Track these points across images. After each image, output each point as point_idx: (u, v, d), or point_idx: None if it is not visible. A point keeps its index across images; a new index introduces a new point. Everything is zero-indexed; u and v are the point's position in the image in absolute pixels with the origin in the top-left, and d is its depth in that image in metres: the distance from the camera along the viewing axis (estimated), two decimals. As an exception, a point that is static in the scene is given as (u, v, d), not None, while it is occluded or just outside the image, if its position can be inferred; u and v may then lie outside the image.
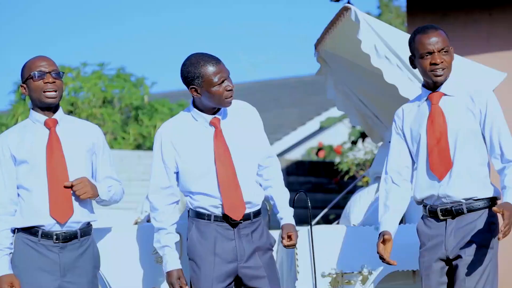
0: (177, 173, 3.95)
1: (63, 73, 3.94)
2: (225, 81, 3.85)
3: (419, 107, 3.87)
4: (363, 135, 11.19)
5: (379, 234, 3.84)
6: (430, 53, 3.75)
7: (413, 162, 3.92)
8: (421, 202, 3.89)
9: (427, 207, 3.82)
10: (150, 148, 12.95)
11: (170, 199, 3.95)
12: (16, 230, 3.89)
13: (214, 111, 3.93)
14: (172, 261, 3.92)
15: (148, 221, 4.86)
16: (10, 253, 3.86)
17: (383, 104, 5.60)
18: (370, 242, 4.47)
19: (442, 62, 3.75)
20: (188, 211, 3.99)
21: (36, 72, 3.85)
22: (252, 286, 3.92)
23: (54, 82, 3.86)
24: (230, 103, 3.90)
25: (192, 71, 3.85)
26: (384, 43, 4.58)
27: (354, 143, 11.30)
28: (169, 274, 3.92)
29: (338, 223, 5.74)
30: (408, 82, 4.53)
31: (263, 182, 4.05)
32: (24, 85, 3.90)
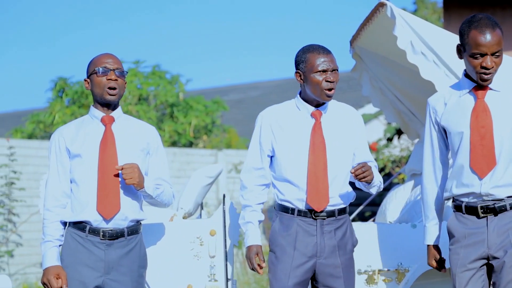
0: (271, 157, 4.00)
1: (127, 72, 3.97)
2: (327, 72, 3.87)
3: (460, 98, 3.74)
4: (398, 132, 11.13)
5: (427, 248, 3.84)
6: (483, 54, 3.62)
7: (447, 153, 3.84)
8: (452, 198, 3.79)
9: (463, 204, 3.73)
10: (186, 145, 13.02)
11: (260, 180, 4.01)
12: (67, 224, 3.92)
13: (317, 104, 3.95)
14: (253, 237, 3.98)
15: (184, 217, 4.88)
16: (60, 245, 3.90)
17: (419, 101, 5.56)
18: (406, 239, 4.45)
19: (492, 67, 3.63)
20: (275, 205, 4.04)
21: (100, 68, 3.89)
22: (327, 284, 3.91)
23: (117, 80, 3.89)
24: (329, 96, 3.89)
25: (300, 55, 3.93)
26: (420, 39, 4.54)
27: (389, 140, 11.24)
28: (248, 248, 3.98)
29: (374, 220, 5.72)
30: (445, 78, 4.49)
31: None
32: (88, 80, 3.94)
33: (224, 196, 4.62)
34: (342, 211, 3.94)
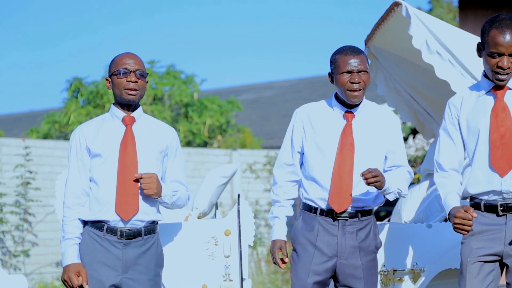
0: (302, 154, 4.01)
1: (147, 74, 3.97)
2: (353, 73, 3.86)
3: (478, 98, 3.74)
4: (414, 132, 11.10)
5: (451, 213, 3.63)
6: (500, 54, 3.63)
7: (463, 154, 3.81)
8: (470, 197, 3.77)
9: (482, 202, 3.70)
10: (200, 145, 13.03)
11: (290, 176, 4.04)
12: (85, 222, 3.94)
13: (351, 105, 3.95)
14: (278, 232, 4.01)
15: (199, 217, 4.89)
16: (79, 243, 3.92)
17: (434, 100, 5.54)
18: (421, 239, 4.44)
19: (509, 67, 3.63)
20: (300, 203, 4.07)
21: (121, 69, 3.90)
22: (347, 284, 3.91)
23: (137, 81, 3.90)
24: (355, 97, 3.88)
25: (332, 57, 3.96)
26: (436, 39, 4.53)
27: (404, 139, 11.22)
28: (272, 242, 4.01)
29: (389, 220, 5.70)
30: (460, 78, 4.48)
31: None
32: (109, 79, 3.96)
33: (238, 196, 4.62)
34: (366, 213, 3.93)
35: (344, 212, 3.87)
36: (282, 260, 3.97)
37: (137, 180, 3.85)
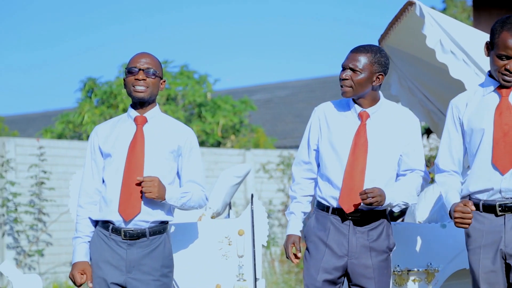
0: (318, 152, 4.02)
1: (157, 71, 3.93)
2: (345, 69, 3.89)
3: (483, 97, 3.76)
4: (428, 131, 11.07)
5: (451, 209, 3.65)
6: (509, 57, 3.64)
7: (464, 154, 3.81)
8: (469, 197, 3.76)
9: (481, 202, 3.70)
10: (214, 145, 13.05)
11: (307, 174, 4.05)
12: (96, 222, 3.96)
13: (368, 104, 3.93)
14: (292, 227, 4.03)
15: (213, 217, 4.89)
16: (89, 241, 3.94)
17: (448, 100, 5.51)
18: (436, 240, 4.42)
19: None
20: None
21: (131, 68, 3.93)
22: (359, 284, 3.90)
23: (145, 79, 3.90)
24: (342, 93, 3.89)
25: None
26: (450, 38, 4.51)
27: (418, 139, 11.16)
28: (287, 237, 4.04)
29: (403, 220, 5.69)
30: (475, 77, 4.46)
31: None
32: (124, 79, 4.00)
33: (252, 196, 4.62)
34: (378, 213, 3.91)
35: (355, 211, 3.86)
36: (294, 255, 3.98)
37: (140, 183, 3.84)
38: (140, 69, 3.91)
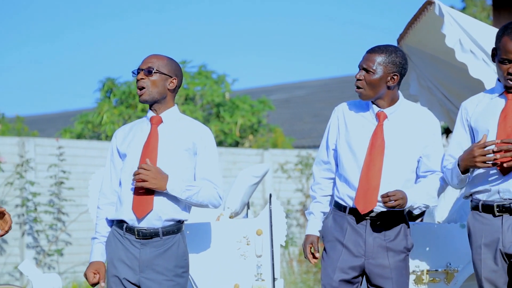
0: (336, 152, 4.02)
1: (153, 68, 3.89)
2: (360, 69, 3.89)
3: (491, 100, 3.81)
4: (446, 131, 11.02)
5: (460, 158, 3.75)
6: (511, 61, 3.70)
7: None
8: (469, 196, 3.81)
9: (480, 202, 3.74)
10: (232, 145, 13.06)
11: (327, 173, 4.06)
12: (112, 221, 3.98)
13: (385, 104, 3.93)
14: (311, 227, 4.04)
15: (231, 217, 4.90)
16: (105, 242, 3.96)
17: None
18: (455, 239, 4.41)
19: None
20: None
21: (135, 70, 3.95)
22: (377, 284, 3.90)
23: (143, 78, 3.91)
24: (359, 94, 3.89)
25: None
26: (469, 37, 4.49)
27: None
28: (305, 237, 4.05)
29: (422, 220, 5.67)
30: (494, 76, 4.43)
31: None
32: None
33: (270, 195, 4.62)
34: (395, 214, 3.90)
35: (371, 211, 3.85)
36: (312, 255, 3.98)
37: None
38: (141, 69, 3.92)
